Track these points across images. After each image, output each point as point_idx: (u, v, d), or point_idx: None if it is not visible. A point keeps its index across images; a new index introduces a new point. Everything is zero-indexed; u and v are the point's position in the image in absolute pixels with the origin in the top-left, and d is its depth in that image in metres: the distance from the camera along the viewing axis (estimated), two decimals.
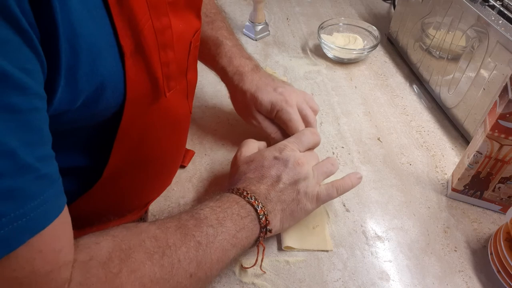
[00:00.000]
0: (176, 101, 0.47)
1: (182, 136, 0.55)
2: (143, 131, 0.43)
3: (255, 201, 0.44)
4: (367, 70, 0.82)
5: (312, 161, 0.51)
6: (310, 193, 0.48)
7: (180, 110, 0.50)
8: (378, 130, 0.68)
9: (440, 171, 0.61)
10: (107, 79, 0.34)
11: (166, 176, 0.56)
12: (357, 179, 0.51)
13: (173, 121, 0.49)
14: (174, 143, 0.52)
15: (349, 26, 0.88)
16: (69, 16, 0.28)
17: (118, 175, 0.44)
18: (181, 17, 0.43)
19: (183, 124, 0.53)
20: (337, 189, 0.49)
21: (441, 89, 0.71)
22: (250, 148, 0.52)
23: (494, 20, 0.58)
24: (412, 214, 0.55)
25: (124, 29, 0.34)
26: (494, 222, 0.55)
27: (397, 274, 0.49)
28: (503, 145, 0.49)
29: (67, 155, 0.40)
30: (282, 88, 0.58)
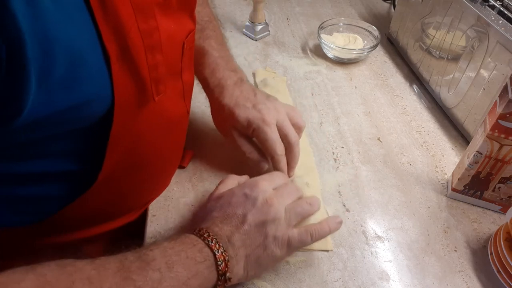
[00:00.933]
0: (171, 102, 0.46)
1: (180, 137, 0.55)
2: (136, 134, 0.43)
3: (215, 245, 0.40)
4: (367, 70, 0.82)
5: (286, 199, 0.46)
6: (279, 237, 0.43)
7: (176, 111, 0.49)
8: (378, 130, 0.68)
9: (440, 171, 0.61)
10: (91, 83, 0.34)
11: (164, 176, 0.56)
12: (336, 223, 0.46)
13: (168, 122, 0.48)
14: (171, 143, 0.52)
15: (349, 26, 0.88)
16: (40, 20, 0.27)
17: (113, 178, 0.44)
18: (173, 18, 0.42)
19: (179, 124, 0.52)
20: (312, 235, 0.44)
21: (441, 89, 0.71)
22: (228, 185, 0.49)
23: (494, 20, 0.58)
24: (412, 214, 0.55)
25: (109, 33, 0.33)
26: (494, 222, 0.55)
27: (397, 274, 0.49)
28: (503, 145, 0.49)
29: (59, 160, 0.40)
30: (262, 105, 0.54)
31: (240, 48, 0.85)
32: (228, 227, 0.42)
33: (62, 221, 0.45)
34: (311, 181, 0.58)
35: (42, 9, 0.27)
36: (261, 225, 0.43)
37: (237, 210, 0.43)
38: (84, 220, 0.48)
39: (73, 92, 0.32)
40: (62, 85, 0.31)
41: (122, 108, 0.38)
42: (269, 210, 0.43)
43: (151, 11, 0.37)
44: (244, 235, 0.42)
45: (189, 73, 0.51)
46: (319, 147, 0.64)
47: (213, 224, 0.42)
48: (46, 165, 0.40)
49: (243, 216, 0.43)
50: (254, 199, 0.44)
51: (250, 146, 0.55)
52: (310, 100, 0.73)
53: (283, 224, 0.44)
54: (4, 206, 0.42)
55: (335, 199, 0.57)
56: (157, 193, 0.55)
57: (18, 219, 0.44)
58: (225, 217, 0.43)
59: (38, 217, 0.44)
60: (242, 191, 0.45)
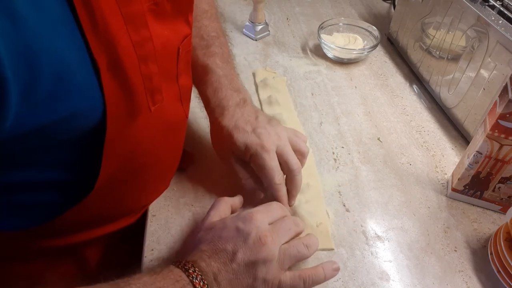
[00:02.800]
0: (168, 107, 0.45)
1: (178, 140, 0.54)
2: (133, 141, 0.42)
3: (199, 282, 0.37)
4: (367, 70, 0.82)
5: (281, 238, 0.42)
6: (269, 281, 0.40)
7: (174, 116, 0.48)
8: (378, 130, 0.68)
9: (440, 171, 0.61)
10: (80, 95, 0.33)
11: (163, 180, 0.55)
12: (332, 270, 0.43)
13: (166, 127, 0.47)
14: (169, 147, 0.51)
15: (349, 26, 0.88)
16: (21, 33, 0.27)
17: (111, 185, 0.43)
18: (167, 24, 0.41)
19: (178, 128, 0.52)
20: (305, 281, 0.41)
21: (441, 89, 0.71)
22: (221, 211, 0.47)
23: (494, 20, 0.58)
24: (412, 214, 0.55)
25: (98, 44, 0.32)
26: (494, 222, 0.55)
27: (397, 274, 0.49)
28: (503, 145, 0.49)
29: (53, 169, 0.40)
30: (262, 129, 0.51)
31: (240, 48, 0.85)
32: (216, 263, 0.39)
33: (59, 226, 0.44)
34: (311, 181, 0.58)
35: (23, 21, 0.26)
36: (251, 265, 0.40)
37: (227, 245, 0.40)
38: (82, 225, 0.48)
39: (61, 105, 0.32)
40: (49, 98, 0.30)
41: (115, 119, 0.37)
42: (261, 250, 0.40)
43: (142, 21, 0.36)
44: (232, 274, 0.39)
45: (186, 77, 0.50)
46: (319, 147, 0.64)
47: (200, 258, 0.40)
48: (40, 174, 0.40)
49: (233, 254, 0.40)
50: (246, 235, 0.41)
51: (246, 172, 0.53)
52: (310, 100, 0.73)
53: (275, 266, 0.41)
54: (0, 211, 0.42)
55: (335, 199, 0.57)
56: (155, 196, 0.55)
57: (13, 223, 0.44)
58: (214, 252, 0.40)
59: (34, 222, 0.43)
60: (234, 223, 0.42)
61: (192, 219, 0.53)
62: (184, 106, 0.51)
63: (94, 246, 0.53)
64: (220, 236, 0.41)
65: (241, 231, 0.41)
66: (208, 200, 0.55)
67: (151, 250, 0.49)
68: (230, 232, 0.41)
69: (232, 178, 0.58)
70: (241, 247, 0.40)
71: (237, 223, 0.42)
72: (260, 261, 0.40)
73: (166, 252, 0.49)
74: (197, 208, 0.54)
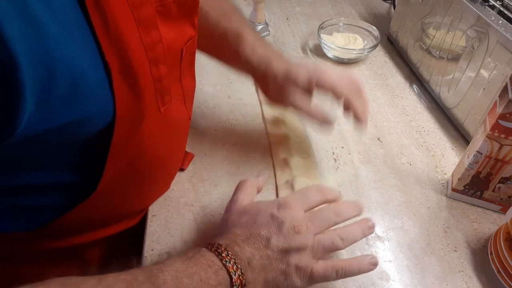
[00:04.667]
0: (172, 109, 0.46)
1: (181, 142, 0.54)
2: (138, 144, 0.42)
3: (232, 266, 0.37)
4: (367, 70, 0.82)
5: (317, 227, 0.41)
6: (302, 268, 0.40)
7: (178, 117, 0.49)
8: (378, 130, 0.68)
9: (440, 171, 0.61)
10: (92, 99, 0.33)
11: (165, 181, 0.55)
12: (368, 264, 0.41)
13: (170, 129, 0.48)
14: (173, 149, 0.52)
15: (349, 26, 0.88)
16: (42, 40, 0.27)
17: (113, 187, 0.44)
18: (173, 25, 0.42)
19: (181, 130, 0.52)
20: (337, 272, 0.40)
21: (441, 89, 0.71)
22: (248, 194, 0.46)
23: (494, 20, 0.58)
24: (412, 214, 0.55)
25: (110, 47, 0.33)
26: (494, 222, 0.55)
27: (397, 274, 0.49)
28: (503, 145, 0.49)
29: (57, 171, 0.40)
30: (313, 64, 0.55)
31: None
32: (250, 248, 0.39)
33: (60, 228, 0.45)
34: (312, 181, 0.58)
35: (44, 29, 0.27)
36: (284, 252, 0.39)
37: (261, 231, 0.40)
38: (83, 226, 0.48)
39: (74, 109, 0.32)
40: (62, 103, 0.30)
41: (123, 122, 0.37)
42: (294, 238, 0.40)
43: (153, 23, 0.37)
44: (266, 259, 0.39)
45: (189, 78, 0.51)
46: (319, 147, 0.64)
47: (234, 242, 0.39)
48: (44, 177, 0.40)
49: (267, 240, 0.39)
50: (280, 223, 0.40)
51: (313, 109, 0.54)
52: None
53: (308, 255, 0.40)
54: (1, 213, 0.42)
55: None
56: (156, 197, 0.55)
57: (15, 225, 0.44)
58: (249, 236, 0.40)
59: (36, 224, 0.44)
60: (269, 210, 0.41)
61: (192, 219, 0.53)
62: (188, 107, 0.52)
63: (95, 248, 0.53)
64: (254, 221, 0.41)
65: (276, 218, 0.40)
66: (208, 200, 0.55)
67: (151, 250, 0.49)
68: (265, 218, 0.41)
69: (232, 178, 0.58)
70: (275, 234, 0.40)
71: (272, 210, 0.41)
72: (294, 249, 0.39)
73: (166, 252, 0.49)
74: (197, 208, 0.54)
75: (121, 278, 0.34)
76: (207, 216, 0.53)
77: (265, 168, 0.60)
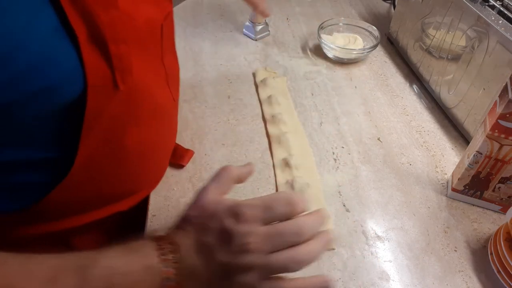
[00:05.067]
0: (154, 89, 0.45)
1: (168, 125, 0.53)
2: (115, 118, 0.42)
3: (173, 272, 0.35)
4: (367, 70, 0.82)
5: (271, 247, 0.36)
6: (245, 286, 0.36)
7: (160, 98, 0.48)
8: (378, 130, 0.68)
9: (440, 171, 0.61)
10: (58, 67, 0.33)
11: (154, 167, 0.54)
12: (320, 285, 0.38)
13: (152, 109, 0.47)
14: (157, 131, 0.51)
15: (349, 26, 0.88)
16: None
17: (94, 164, 0.43)
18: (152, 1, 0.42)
19: (166, 112, 0.51)
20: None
21: (441, 89, 0.71)
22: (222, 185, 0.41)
23: (494, 20, 0.58)
24: (412, 214, 0.55)
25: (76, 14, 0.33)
26: (494, 222, 0.55)
27: (397, 274, 0.49)
28: (503, 145, 0.49)
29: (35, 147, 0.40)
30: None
31: (240, 48, 0.85)
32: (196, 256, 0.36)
33: (45, 209, 0.44)
34: (312, 181, 0.58)
35: None
36: (229, 268, 0.36)
37: (209, 238, 0.37)
38: (69, 208, 0.47)
39: (39, 77, 0.32)
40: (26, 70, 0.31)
41: (96, 91, 0.37)
42: (242, 256, 0.35)
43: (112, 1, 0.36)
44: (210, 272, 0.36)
45: (171, 57, 0.50)
46: (319, 147, 0.64)
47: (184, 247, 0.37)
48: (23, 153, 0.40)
49: (212, 251, 0.36)
50: (229, 237, 0.35)
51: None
52: (310, 100, 0.73)
53: (255, 275, 0.36)
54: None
55: (335, 199, 0.57)
56: (148, 185, 0.54)
57: None
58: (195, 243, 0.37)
59: (19, 205, 0.43)
60: (224, 217, 0.37)
61: None
62: (172, 89, 0.51)
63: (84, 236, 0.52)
64: (205, 226, 0.37)
65: (226, 230, 0.36)
66: None
67: None
68: (216, 226, 0.37)
69: None
70: (222, 247, 0.36)
71: (226, 219, 0.36)
72: (240, 267, 0.36)
73: None
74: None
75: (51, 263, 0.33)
76: None
77: (265, 168, 0.60)
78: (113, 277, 0.34)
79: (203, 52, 0.83)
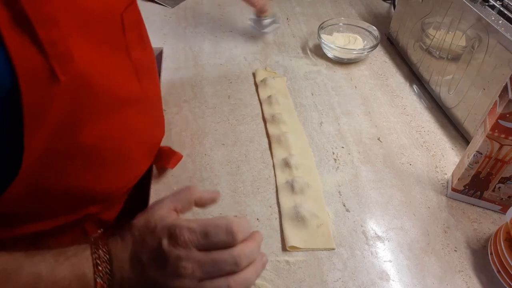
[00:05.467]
0: (112, 82, 0.42)
1: (138, 121, 0.49)
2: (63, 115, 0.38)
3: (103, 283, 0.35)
4: (367, 70, 0.82)
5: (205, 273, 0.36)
6: None
7: (125, 92, 0.45)
8: (378, 130, 0.68)
9: (440, 171, 0.61)
10: None
11: (127, 165, 0.50)
12: None
13: (111, 104, 0.43)
14: (123, 128, 0.47)
15: (349, 26, 0.88)
16: None
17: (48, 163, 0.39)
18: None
19: (134, 107, 0.47)
20: None
21: (441, 89, 0.71)
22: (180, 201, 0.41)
23: (494, 20, 0.58)
24: (412, 214, 0.55)
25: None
26: (494, 222, 0.55)
27: (397, 274, 0.49)
28: (503, 145, 0.49)
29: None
30: None
31: (240, 48, 0.85)
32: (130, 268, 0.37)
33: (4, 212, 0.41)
34: (312, 181, 0.58)
35: None
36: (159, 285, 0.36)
37: (143, 255, 0.37)
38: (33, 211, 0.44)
39: None
40: None
41: (31, 83, 0.33)
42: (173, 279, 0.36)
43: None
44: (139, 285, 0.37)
45: (141, 51, 0.47)
46: (319, 147, 0.64)
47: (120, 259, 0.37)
48: None
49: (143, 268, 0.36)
50: (163, 258, 0.36)
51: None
52: (310, 100, 0.73)
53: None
54: None
55: (335, 199, 0.57)
56: (122, 183, 0.50)
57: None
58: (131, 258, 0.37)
59: None
60: (161, 235, 0.36)
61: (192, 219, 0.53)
62: (143, 83, 0.47)
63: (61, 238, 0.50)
64: (143, 240, 0.37)
65: (161, 251, 0.36)
66: None
67: None
68: (152, 243, 0.36)
69: (232, 178, 0.58)
70: (155, 267, 0.36)
71: (162, 238, 0.36)
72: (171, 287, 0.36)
73: None
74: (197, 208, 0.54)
75: None
76: (207, 216, 0.53)
77: (265, 168, 0.60)
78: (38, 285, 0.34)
79: (203, 52, 0.83)
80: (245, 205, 0.55)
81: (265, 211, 0.54)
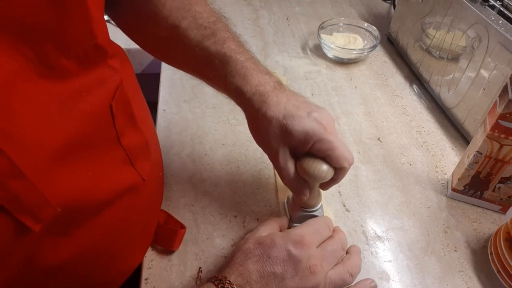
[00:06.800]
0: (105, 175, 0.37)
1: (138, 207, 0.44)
2: None
3: None
4: (367, 70, 0.82)
5: (329, 265, 0.42)
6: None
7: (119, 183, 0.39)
8: (378, 130, 0.68)
9: (440, 171, 0.61)
10: None
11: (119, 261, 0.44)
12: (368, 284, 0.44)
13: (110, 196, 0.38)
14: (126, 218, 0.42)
15: (349, 26, 0.88)
16: None
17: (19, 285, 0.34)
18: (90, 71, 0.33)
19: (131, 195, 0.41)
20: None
21: (441, 89, 0.71)
22: (268, 228, 0.45)
23: (494, 20, 0.58)
24: (412, 214, 0.55)
25: None
26: (494, 222, 0.55)
27: (397, 274, 0.49)
28: (503, 145, 0.49)
29: None
30: (317, 113, 0.43)
31: None
32: (259, 285, 0.38)
33: None
34: None
35: None
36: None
37: (276, 268, 0.39)
38: None
39: None
40: None
41: None
42: (309, 279, 0.39)
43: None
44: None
45: (134, 134, 0.41)
46: None
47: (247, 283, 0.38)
48: None
49: (281, 279, 0.38)
50: (297, 262, 0.39)
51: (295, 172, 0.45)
52: (310, 100, 0.73)
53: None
54: None
55: (335, 199, 0.57)
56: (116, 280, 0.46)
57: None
58: (262, 275, 0.38)
59: None
60: (285, 245, 0.40)
61: (192, 219, 0.53)
62: (138, 168, 0.42)
63: None
64: (269, 255, 0.40)
65: (293, 256, 0.39)
66: (208, 200, 0.55)
67: (151, 250, 0.49)
68: (281, 254, 0.40)
69: (232, 178, 0.58)
70: (291, 274, 0.39)
71: (288, 246, 0.40)
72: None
73: (165, 253, 0.49)
74: (197, 208, 0.54)
75: None
76: (207, 216, 0.53)
77: (265, 168, 0.60)
78: None
79: None
80: (245, 205, 0.55)
81: (265, 211, 0.54)
